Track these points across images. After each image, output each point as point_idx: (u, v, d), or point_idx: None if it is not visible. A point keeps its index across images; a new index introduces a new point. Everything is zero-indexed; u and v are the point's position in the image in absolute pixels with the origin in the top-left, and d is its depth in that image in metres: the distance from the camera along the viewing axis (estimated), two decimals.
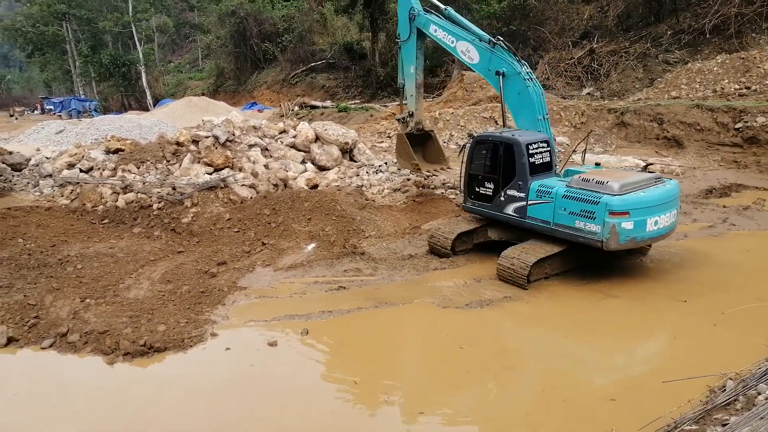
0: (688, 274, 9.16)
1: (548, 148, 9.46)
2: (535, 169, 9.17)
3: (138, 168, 13.41)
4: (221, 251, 10.30)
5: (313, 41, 48.85)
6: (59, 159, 15.19)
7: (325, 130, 15.74)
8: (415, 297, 8.42)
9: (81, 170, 14.04)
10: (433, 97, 33.36)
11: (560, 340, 7.20)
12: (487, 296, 8.39)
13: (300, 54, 49.05)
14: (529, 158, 9.07)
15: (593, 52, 29.62)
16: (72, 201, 12.84)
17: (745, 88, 21.22)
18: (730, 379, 5.67)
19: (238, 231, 11.09)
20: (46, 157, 15.92)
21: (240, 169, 13.53)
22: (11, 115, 54.67)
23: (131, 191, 12.42)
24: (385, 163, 16.01)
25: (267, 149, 14.95)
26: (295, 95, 43.85)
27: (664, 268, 9.48)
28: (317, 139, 15.61)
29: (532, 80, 9.92)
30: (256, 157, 14.19)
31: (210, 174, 13.08)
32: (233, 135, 14.66)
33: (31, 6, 57.67)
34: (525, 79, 9.86)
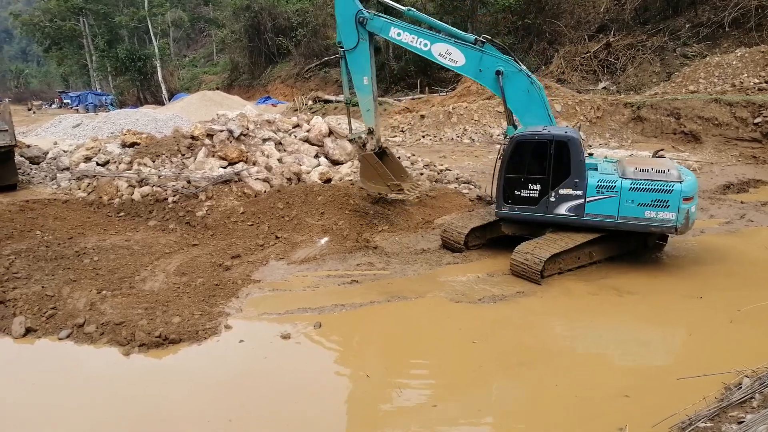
0: (704, 270, 9.06)
1: None
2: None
3: (153, 161, 13.54)
4: (235, 244, 10.36)
5: (326, 35, 48.91)
6: (76, 152, 15.40)
7: (339, 124, 15.76)
8: (427, 291, 8.41)
9: (97, 163, 14.21)
10: (447, 91, 33.20)
11: (573, 335, 7.17)
12: (500, 291, 8.36)
13: (314, 48, 49.18)
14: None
15: (609, 45, 29.25)
16: (89, 194, 13.02)
17: (765, 82, 20.91)
18: (746, 376, 5.60)
19: (251, 224, 11.15)
20: (64, 151, 16.16)
21: (254, 163, 13.58)
22: (29, 109, 55.47)
23: (147, 184, 12.55)
24: (399, 158, 15.96)
25: (281, 143, 14.99)
26: (308, 89, 44.08)
27: (680, 264, 9.38)
28: (331, 133, 15.62)
29: (529, 76, 9.78)
30: (270, 151, 14.25)
31: (224, 168, 13.16)
32: (247, 129, 14.73)
33: (49, 1, 58.43)
34: (528, 75, 9.73)
